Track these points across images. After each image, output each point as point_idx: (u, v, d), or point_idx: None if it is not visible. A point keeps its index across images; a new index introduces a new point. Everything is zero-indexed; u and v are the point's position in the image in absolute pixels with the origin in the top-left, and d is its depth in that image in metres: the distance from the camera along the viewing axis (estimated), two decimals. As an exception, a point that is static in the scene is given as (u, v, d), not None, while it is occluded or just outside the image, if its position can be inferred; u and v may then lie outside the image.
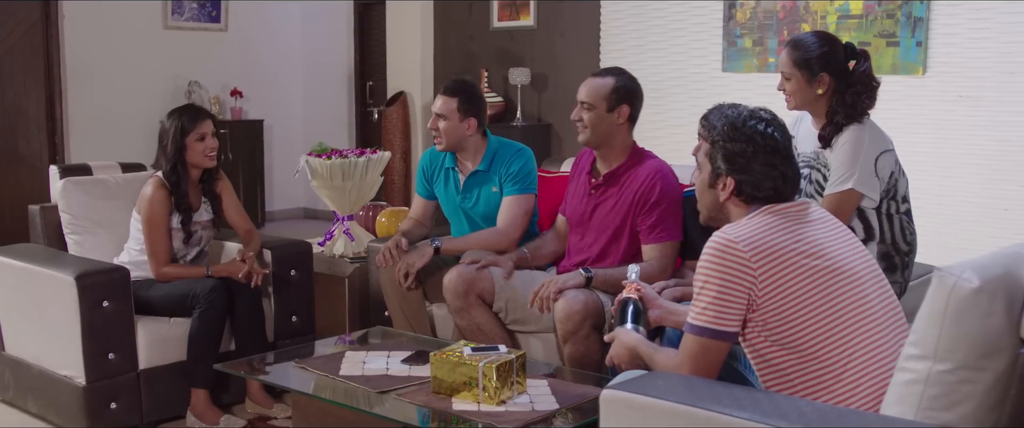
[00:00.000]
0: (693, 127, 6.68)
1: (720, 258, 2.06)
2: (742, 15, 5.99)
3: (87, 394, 3.32)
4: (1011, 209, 5.14)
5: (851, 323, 2.07)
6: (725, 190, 2.21)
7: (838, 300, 2.07)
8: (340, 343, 3.57)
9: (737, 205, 2.21)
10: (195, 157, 3.62)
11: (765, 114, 2.21)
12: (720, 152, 2.19)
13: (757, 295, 2.05)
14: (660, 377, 2.07)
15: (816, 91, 2.92)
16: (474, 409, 2.60)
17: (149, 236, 3.57)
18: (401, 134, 7.53)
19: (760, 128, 2.17)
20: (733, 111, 2.22)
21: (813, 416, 1.83)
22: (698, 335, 2.11)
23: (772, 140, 2.16)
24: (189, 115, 3.66)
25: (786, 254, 2.06)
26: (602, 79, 3.36)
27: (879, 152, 2.85)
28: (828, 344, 2.06)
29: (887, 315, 2.12)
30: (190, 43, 7.90)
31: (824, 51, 2.91)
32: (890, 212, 2.89)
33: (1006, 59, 5.09)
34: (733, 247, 2.05)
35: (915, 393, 1.84)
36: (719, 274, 2.06)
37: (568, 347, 3.12)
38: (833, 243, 2.14)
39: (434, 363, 2.72)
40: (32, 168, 7.28)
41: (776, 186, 2.16)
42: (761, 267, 2.04)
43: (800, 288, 2.05)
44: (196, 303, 3.45)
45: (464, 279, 3.30)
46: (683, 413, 1.90)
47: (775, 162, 2.16)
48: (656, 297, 2.66)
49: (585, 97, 3.32)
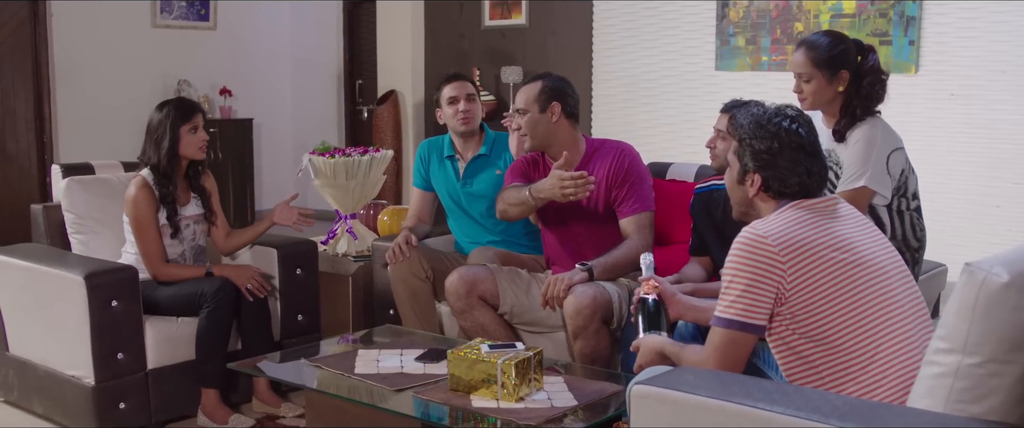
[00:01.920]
0: (686, 126, 6.73)
1: (749, 253, 2.11)
2: (735, 14, 6.03)
3: (96, 394, 3.30)
4: (1002, 206, 5.21)
5: (877, 316, 2.11)
6: (753, 186, 2.26)
7: (865, 293, 2.11)
8: (343, 342, 3.58)
9: (765, 201, 2.26)
10: (188, 149, 3.61)
11: (790, 111, 2.26)
12: (747, 149, 2.25)
13: (786, 289, 2.09)
14: (690, 372, 2.09)
15: (837, 89, 2.96)
16: (493, 406, 2.61)
17: (139, 238, 3.56)
18: (392, 133, 7.52)
19: (785, 125, 2.22)
20: (759, 109, 2.29)
21: (845, 410, 1.85)
22: (726, 328, 2.15)
23: (797, 136, 2.22)
24: (182, 106, 3.67)
25: (814, 248, 2.10)
26: (531, 84, 3.46)
27: (891, 150, 2.90)
28: (855, 336, 2.10)
29: (912, 309, 2.16)
30: (179, 42, 7.86)
31: (841, 49, 2.95)
32: (900, 209, 2.94)
33: (997, 58, 5.16)
34: (762, 242, 2.10)
35: (944, 386, 1.87)
36: (749, 268, 2.10)
37: (579, 343, 3.14)
38: (860, 238, 2.19)
39: (452, 361, 2.73)
40: (20, 167, 7.22)
41: (802, 181, 2.21)
42: (789, 261, 2.08)
43: (828, 281, 2.10)
44: (204, 302, 3.45)
45: (465, 281, 3.32)
46: (716, 408, 1.93)
47: (800, 158, 2.21)
48: (675, 292, 2.69)
49: (519, 104, 3.42)
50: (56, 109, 7.25)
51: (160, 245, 3.57)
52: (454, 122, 3.82)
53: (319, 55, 8.54)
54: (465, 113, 3.78)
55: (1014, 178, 5.16)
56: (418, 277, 3.58)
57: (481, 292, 3.33)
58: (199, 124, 3.65)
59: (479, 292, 3.33)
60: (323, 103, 8.61)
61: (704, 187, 3.35)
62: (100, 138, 7.34)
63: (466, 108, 3.79)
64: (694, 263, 3.34)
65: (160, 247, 3.57)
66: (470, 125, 3.81)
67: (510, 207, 3.42)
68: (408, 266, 3.57)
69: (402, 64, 7.63)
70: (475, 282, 3.32)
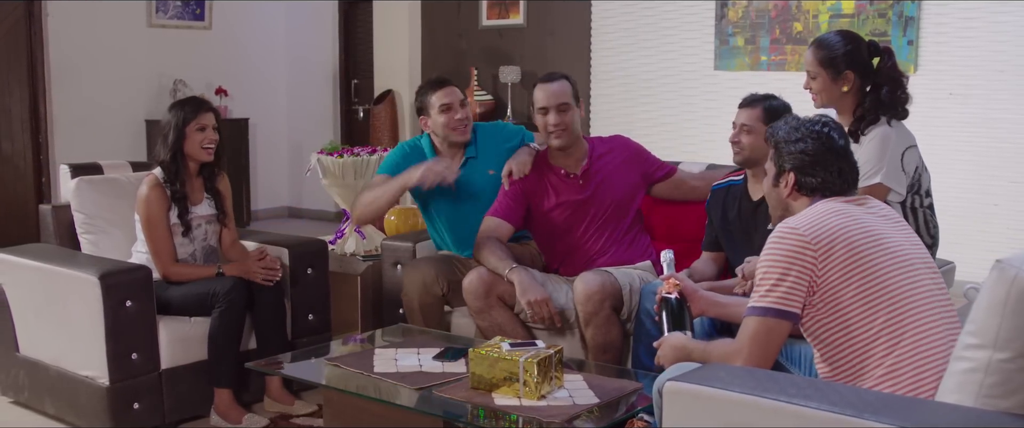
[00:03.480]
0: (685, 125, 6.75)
1: (783, 244, 2.19)
2: (734, 14, 6.07)
3: (111, 394, 3.30)
4: (1001, 204, 5.27)
5: (902, 306, 2.16)
6: (787, 186, 2.35)
7: (891, 283, 2.17)
8: (351, 342, 3.59)
9: (797, 199, 2.36)
10: (193, 148, 3.59)
11: (824, 118, 2.38)
12: (783, 151, 2.35)
13: (817, 276, 2.17)
14: (722, 369, 2.11)
15: (841, 89, 2.99)
16: (516, 404, 2.63)
17: (150, 236, 3.55)
18: (389, 132, 7.52)
19: (817, 128, 2.33)
20: (794, 118, 2.41)
21: (878, 405, 1.88)
22: (763, 316, 2.20)
23: (829, 139, 2.32)
24: (192, 105, 3.64)
25: (844, 237, 2.17)
26: (560, 83, 3.51)
27: (905, 147, 2.94)
28: (878, 325, 2.14)
29: (937, 301, 2.20)
30: (174, 41, 7.84)
31: (848, 49, 2.98)
32: (915, 206, 2.98)
33: (995, 57, 5.21)
34: (794, 233, 2.19)
35: (974, 381, 1.90)
36: (783, 258, 2.18)
37: (590, 331, 3.16)
38: (889, 230, 2.25)
39: (473, 359, 2.74)
40: (16, 168, 7.19)
41: (833, 180, 2.31)
42: (821, 250, 2.16)
43: (856, 270, 2.16)
44: (215, 302, 3.44)
45: (484, 281, 3.33)
46: (750, 404, 1.95)
47: (832, 159, 2.31)
48: (697, 289, 2.72)
49: (565, 98, 3.46)
50: (52, 109, 7.22)
51: (170, 244, 3.57)
52: (448, 131, 3.65)
53: (315, 55, 8.53)
54: (461, 122, 3.64)
55: (1013, 177, 5.22)
56: (433, 294, 3.52)
57: (499, 292, 3.34)
58: (207, 124, 3.61)
59: (498, 292, 3.34)
60: (319, 103, 8.60)
61: (721, 184, 3.38)
62: (96, 138, 7.32)
63: (462, 116, 3.65)
64: (706, 259, 3.38)
65: (170, 246, 3.56)
66: (466, 135, 3.67)
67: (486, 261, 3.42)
68: (423, 282, 3.50)
69: (399, 64, 7.63)
70: (494, 282, 3.34)
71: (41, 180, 7.26)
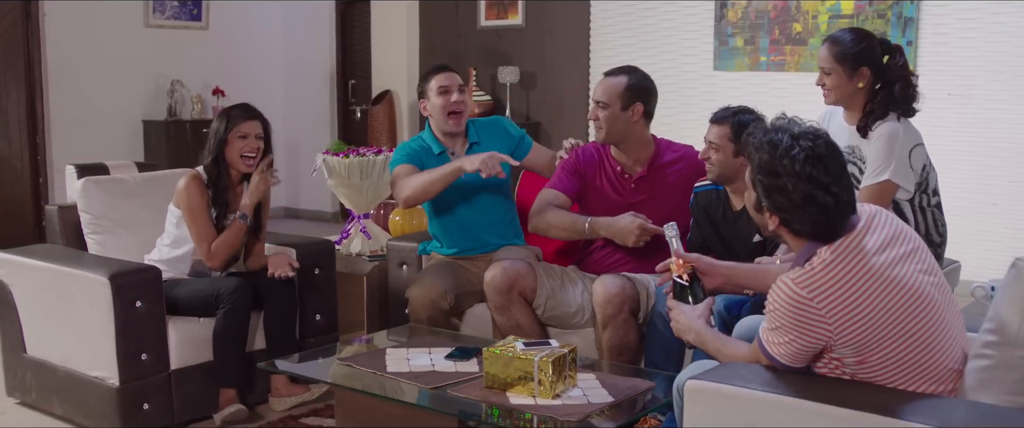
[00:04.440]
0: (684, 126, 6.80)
1: (794, 311, 2.05)
2: (734, 14, 6.09)
3: (121, 395, 3.29)
4: (999, 204, 5.31)
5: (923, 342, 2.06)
6: (772, 222, 2.16)
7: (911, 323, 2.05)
8: (357, 342, 3.59)
9: (789, 236, 2.17)
10: (232, 155, 3.56)
11: (806, 140, 2.07)
12: (760, 185, 2.13)
13: (833, 340, 2.06)
14: (743, 367, 2.13)
15: (856, 85, 3.02)
16: (531, 403, 2.64)
17: (193, 224, 3.52)
18: (387, 133, 7.53)
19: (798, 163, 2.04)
20: (776, 137, 2.10)
21: (901, 403, 1.90)
22: (771, 360, 2.15)
23: (808, 173, 2.04)
24: (238, 111, 3.60)
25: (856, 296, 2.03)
26: (615, 78, 3.45)
27: (912, 145, 2.97)
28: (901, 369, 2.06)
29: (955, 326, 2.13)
30: (172, 42, 7.83)
31: (863, 47, 3.01)
32: (923, 205, 3.00)
33: (994, 58, 5.26)
34: (806, 303, 2.04)
35: (995, 378, 1.92)
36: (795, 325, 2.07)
37: (607, 333, 3.17)
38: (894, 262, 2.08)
39: (487, 359, 2.75)
40: (13, 168, 7.16)
41: (819, 222, 2.07)
42: (835, 317, 2.03)
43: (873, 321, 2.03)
44: (220, 302, 3.44)
45: (508, 276, 3.32)
46: (771, 402, 1.97)
47: (815, 196, 2.04)
48: (713, 263, 2.60)
49: (600, 96, 3.42)
50: (49, 109, 7.20)
51: (212, 230, 3.54)
52: (443, 114, 3.64)
53: (312, 55, 8.53)
54: (457, 105, 3.64)
55: (1011, 176, 5.27)
56: (440, 309, 3.51)
57: (521, 288, 3.33)
58: (249, 132, 3.56)
59: (520, 288, 3.33)
60: (316, 103, 8.60)
61: (702, 186, 3.37)
62: (93, 138, 7.30)
63: (459, 99, 3.64)
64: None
65: (213, 231, 3.54)
66: (460, 123, 3.68)
67: (554, 229, 3.37)
68: (431, 300, 3.49)
69: (397, 64, 7.64)
70: (517, 278, 3.32)
71: (38, 180, 7.23)
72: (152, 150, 7.60)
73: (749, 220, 3.17)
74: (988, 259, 5.02)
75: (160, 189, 3.87)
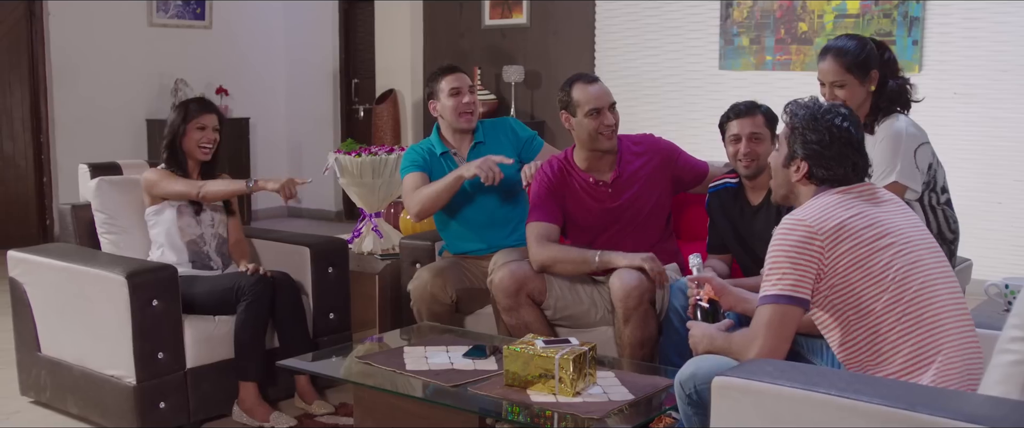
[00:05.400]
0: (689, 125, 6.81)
1: (790, 235, 2.25)
2: (739, 13, 6.11)
3: (138, 394, 3.30)
4: (1004, 202, 5.34)
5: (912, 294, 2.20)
6: (798, 173, 2.39)
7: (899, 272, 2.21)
8: (370, 341, 3.59)
9: (806, 185, 2.39)
10: (190, 145, 3.69)
11: (843, 109, 2.39)
12: (799, 137, 2.37)
13: (824, 266, 2.22)
14: (769, 363, 2.14)
15: (868, 89, 3.04)
16: (552, 401, 2.65)
17: (172, 189, 3.63)
18: (391, 132, 7.54)
19: (837, 122, 2.35)
20: (814, 104, 2.41)
21: (930, 398, 1.91)
22: (774, 303, 2.24)
23: (847, 133, 2.35)
24: (196, 104, 3.76)
25: (849, 229, 2.23)
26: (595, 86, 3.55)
27: (917, 144, 2.98)
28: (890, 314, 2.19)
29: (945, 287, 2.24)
30: (175, 41, 7.83)
31: (867, 50, 3.04)
32: (933, 203, 3.02)
33: (998, 57, 5.29)
34: (801, 224, 2.24)
35: (1020, 373, 1.93)
36: (790, 248, 2.23)
37: (629, 328, 3.17)
38: (895, 220, 2.29)
39: (507, 357, 2.76)
40: (17, 167, 7.16)
41: (846, 173, 2.35)
42: (827, 240, 2.21)
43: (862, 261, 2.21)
44: (242, 296, 3.46)
45: (516, 278, 3.32)
46: (800, 398, 1.97)
47: (847, 152, 2.34)
48: (725, 285, 2.74)
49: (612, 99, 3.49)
50: (53, 108, 7.20)
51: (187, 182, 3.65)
52: (455, 115, 3.70)
53: (314, 54, 8.53)
54: (469, 106, 3.71)
55: (1015, 175, 5.29)
56: (442, 302, 3.55)
57: (529, 290, 3.34)
58: (207, 124, 3.71)
59: (528, 290, 3.34)
60: (319, 102, 8.61)
61: (717, 185, 3.40)
62: (97, 138, 7.30)
63: (470, 100, 3.72)
64: (715, 259, 3.40)
65: (188, 181, 3.66)
66: (472, 122, 3.73)
67: (561, 264, 3.34)
68: (431, 293, 3.52)
69: (401, 64, 7.65)
70: (525, 280, 3.33)
71: (42, 180, 7.23)
72: (156, 149, 7.59)
73: (767, 214, 3.20)
74: (993, 258, 5.06)
75: (173, 188, 3.88)
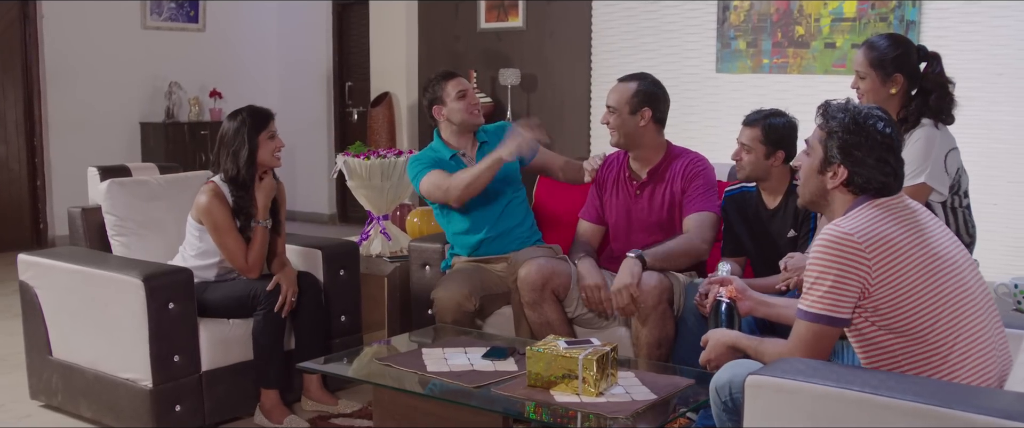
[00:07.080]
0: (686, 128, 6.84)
1: (837, 249, 2.18)
2: (736, 17, 6.16)
3: (154, 397, 3.30)
4: (1000, 204, 5.39)
5: (955, 307, 2.20)
6: (835, 178, 2.29)
7: (943, 286, 2.20)
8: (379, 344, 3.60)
9: (842, 194, 2.30)
10: (265, 156, 3.55)
11: (882, 114, 2.32)
12: (837, 142, 2.28)
13: (870, 284, 2.17)
14: (801, 362, 2.17)
15: (889, 91, 3.07)
16: (575, 401, 2.67)
17: (223, 243, 3.50)
18: (387, 135, 7.54)
19: (879, 127, 2.27)
20: (853, 106, 2.32)
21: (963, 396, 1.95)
22: (814, 322, 2.22)
23: (888, 138, 2.28)
24: (257, 114, 3.59)
25: (897, 244, 2.18)
26: (625, 84, 3.53)
27: (948, 149, 3.03)
28: (935, 327, 2.18)
29: (983, 298, 2.26)
30: (168, 43, 7.81)
31: (898, 53, 3.06)
32: (954, 206, 3.07)
33: (995, 61, 5.34)
34: (849, 239, 2.17)
35: (1052, 372, 1.98)
36: (836, 264, 2.17)
37: (647, 329, 3.21)
38: (932, 232, 2.27)
39: (530, 357, 2.78)
40: (11, 170, 7.12)
41: (886, 181, 2.27)
42: (875, 257, 2.16)
43: (910, 276, 2.17)
44: (259, 303, 3.46)
45: (543, 273, 3.37)
46: (835, 396, 2.01)
47: (888, 159, 2.26)
48: (746, 288, 2.78)
49: (611, 101, 3.51)
50: (47, 111, 7.16)
51: (243, 243, 3.53)
52: (466, 114, 3.79)
53: (308, 57, 8.53)
54: (477, 103, 3.84)
55: (1011, 177, 5.35)
56: (466, 311, 3.56)
57: (554, 286, 3.38)
58: (276, 130, 3.60)
59: (553, 286, 3.38)
60: (313, 105, 8.60)
61: (734, 189, 3.46)
62: (91, 141, 7.28)
63: (476, 98, 3.86)
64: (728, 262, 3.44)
65: (243, 245, 3.53)
66: (481, 117, 3.86)
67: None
68: (457, 303, 3.54)
69: (396, 66, 7.65)
70: (551, 275, 3.38)
71: (36, 183, 7.19)
72: (150, 152, 7.58)
73: (783, 217, 3.25)
74: (989, 259, 5.10)
75: (183, 191, 3.89)
